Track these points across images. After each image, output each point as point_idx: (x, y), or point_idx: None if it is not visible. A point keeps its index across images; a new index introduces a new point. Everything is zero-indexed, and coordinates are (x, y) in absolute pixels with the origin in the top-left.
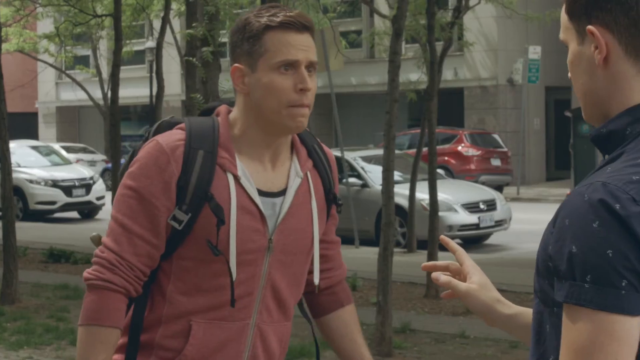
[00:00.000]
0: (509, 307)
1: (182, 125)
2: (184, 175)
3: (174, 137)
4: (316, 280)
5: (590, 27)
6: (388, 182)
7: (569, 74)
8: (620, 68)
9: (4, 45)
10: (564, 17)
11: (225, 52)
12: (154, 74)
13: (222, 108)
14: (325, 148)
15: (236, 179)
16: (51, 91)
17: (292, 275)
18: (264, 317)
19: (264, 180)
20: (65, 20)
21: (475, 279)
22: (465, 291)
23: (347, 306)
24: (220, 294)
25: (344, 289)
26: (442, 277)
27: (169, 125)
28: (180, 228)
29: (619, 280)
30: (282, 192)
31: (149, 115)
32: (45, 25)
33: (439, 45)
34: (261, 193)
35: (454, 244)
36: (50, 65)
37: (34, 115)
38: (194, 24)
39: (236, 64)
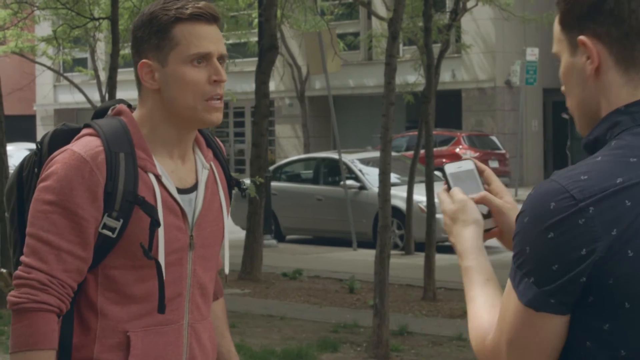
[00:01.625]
0: None
1: (91, 130)
2: (110, 181)
3: (91, 144)
4: (226, 270)
5: (581, 37)
6: (385, 184)
7: (562, 87)
8: (610, 78)
9: (1, 48)
10: (557, 29)
11: None
12: None
13: (122, 107)
14: (216, 138)
15: (157, 178)
16: (49, 94)
17: (212, 268)
18: (195, 316)
19: (178, 178)
20: (63, 23)
21: (508, 199)
22: (500, 207)
23: (220, 299)
24: (152, 299)
25: (218, 281)
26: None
27: (67, 133)
28: (114, 235)
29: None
30: (194, 187)
31: None
32: (43, 28)
33: (436, 48)
34: (178, 190)
35: (481, 164)
36: (48, 67)
37: (32, 117)
38: None
39: (144, 60)
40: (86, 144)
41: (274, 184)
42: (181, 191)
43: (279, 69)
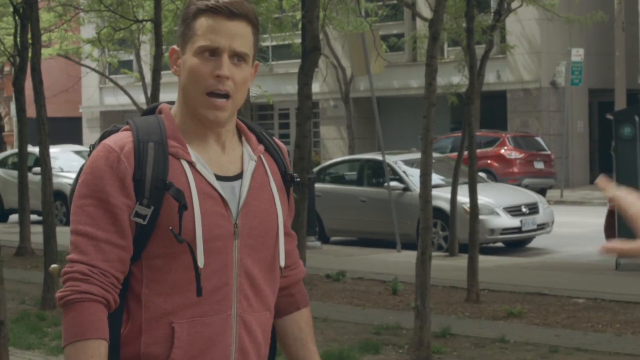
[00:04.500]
0: None
1: (126, 126)
2: (138, 169)
3: (120, 136)
4: (282, 262)
5: None
6: (426, 186)
7: None
8: None
9: (47, 50)
10: None
11: (260, 58)
12: None
13: (163, 105)
14: (274, 137)
15: (191, 165)
16: (94, 96)
17: (263, 260)
18: (244, 307)
19: (218, 165)
20: (107, 25)
21: None
22: None
23: (303, 309)
24: (195, 288)
25: (300, 291)
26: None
27: (115, 133)
28: (145, 223)
29: None
30: (239, 176)
31: None
32: (88, 31)
33: (480, 49)
34: (218, 177)
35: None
36: (93, 69)
37: (78, 119)
38: None
39: (173, 47)
40: (116, 137)
41: (318, 185)
42: (222, 178)
43: (322, 70)
